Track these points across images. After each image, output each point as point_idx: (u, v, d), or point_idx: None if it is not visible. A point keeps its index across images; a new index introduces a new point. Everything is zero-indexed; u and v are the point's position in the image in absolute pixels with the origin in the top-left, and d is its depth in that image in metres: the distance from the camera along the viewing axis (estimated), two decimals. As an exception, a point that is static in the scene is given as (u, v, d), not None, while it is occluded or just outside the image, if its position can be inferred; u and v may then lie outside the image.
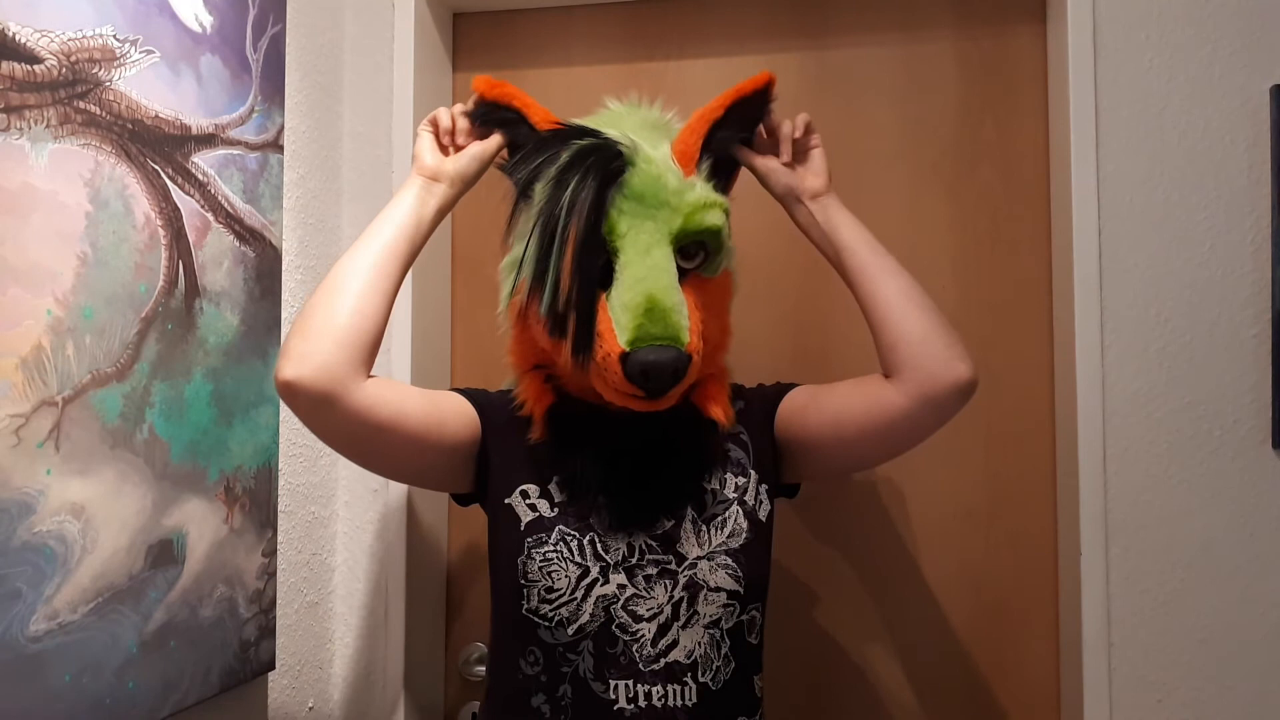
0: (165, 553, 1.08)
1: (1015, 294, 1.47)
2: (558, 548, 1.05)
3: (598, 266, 1.02)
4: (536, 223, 1.03)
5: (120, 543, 1.01)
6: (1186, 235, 1.33)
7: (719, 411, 1.10)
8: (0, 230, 0.87)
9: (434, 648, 1.56)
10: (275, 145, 1.30)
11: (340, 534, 1.53)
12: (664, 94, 1.54)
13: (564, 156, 1.03)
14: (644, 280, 1.00)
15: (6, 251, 0.88)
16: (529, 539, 1.06)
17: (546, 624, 1.05)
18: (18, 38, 0.89)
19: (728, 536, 1.08)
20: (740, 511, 1.10)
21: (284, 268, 1.34)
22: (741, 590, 1.07)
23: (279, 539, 1.34)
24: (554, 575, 1.04)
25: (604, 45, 1.60)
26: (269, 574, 1.28)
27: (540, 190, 1.04)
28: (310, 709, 1.44)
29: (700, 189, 1.06)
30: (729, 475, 1.12)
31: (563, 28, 1.61)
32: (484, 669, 1.51)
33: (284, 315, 1.34)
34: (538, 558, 1.05)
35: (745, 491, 1.11)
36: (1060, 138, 1.40)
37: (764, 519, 1.11)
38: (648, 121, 1.13)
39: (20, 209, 0.89)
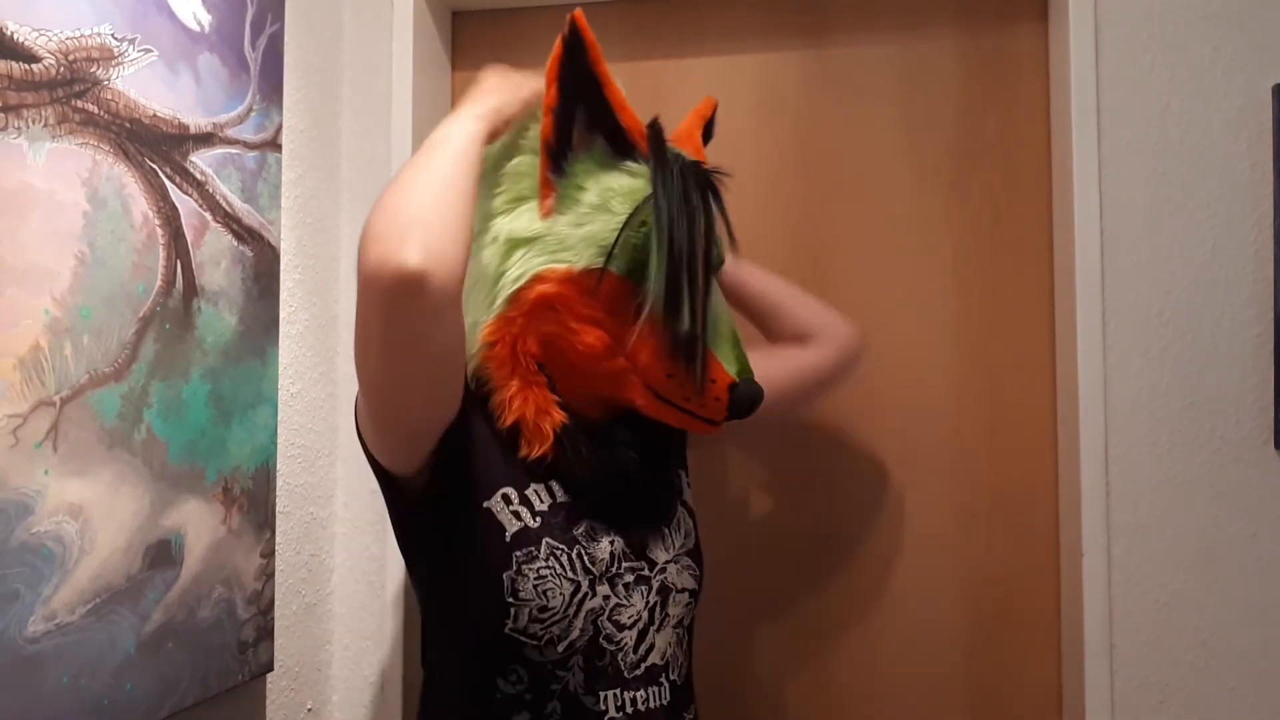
0: (163, 553, 1.08)
1: (1017, 293, 1.47)
2: (549, 564, 0.99)
3: None
4: (662, 240, 0.98)
5: (118, 543, 1.01)
6: (1188, 234, 1.32)
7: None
8: (-3, 229, 0.87)
9: (433, 649, 1.56)
10: (273, 144, 1.30)
11: (339, 535, 1.52)
12: (664, 94, 1.54)
13: (677, 172, 1.01)
14: (722, 308, 1.06)
15: (4, 251, 0.87)
16: (517, 553, 0.98)
17: (535, 643, 0.99)
18: (15, 36, 0.88)
19: (684, 538, 1.12)
20: (685, 511, 1.14)
21: (282, 267, 1.34)
22: (698, 588, 1.12)
23: (277, 540, 1.34)
24: (549, 594, 0.98)
25: (603, 44, 1.58)
26: (267, 575, 1.28)
27: (658, 204, 1.00)
28: (309, 710, 1.44)
29: None
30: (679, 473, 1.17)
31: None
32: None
33: (282, 315, 1.34)
34: (530, 575, 0.98)
35: (682, 491, 1.15)
36: (1062, 137, 1.40)
37: (693, 510, 1.16)
38: None
39: (18, 208, 0.89)
